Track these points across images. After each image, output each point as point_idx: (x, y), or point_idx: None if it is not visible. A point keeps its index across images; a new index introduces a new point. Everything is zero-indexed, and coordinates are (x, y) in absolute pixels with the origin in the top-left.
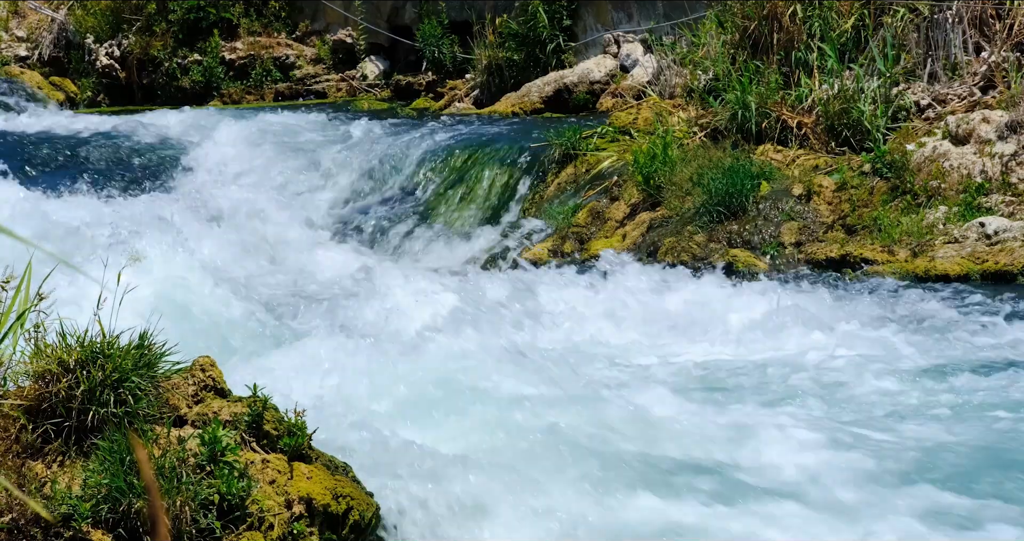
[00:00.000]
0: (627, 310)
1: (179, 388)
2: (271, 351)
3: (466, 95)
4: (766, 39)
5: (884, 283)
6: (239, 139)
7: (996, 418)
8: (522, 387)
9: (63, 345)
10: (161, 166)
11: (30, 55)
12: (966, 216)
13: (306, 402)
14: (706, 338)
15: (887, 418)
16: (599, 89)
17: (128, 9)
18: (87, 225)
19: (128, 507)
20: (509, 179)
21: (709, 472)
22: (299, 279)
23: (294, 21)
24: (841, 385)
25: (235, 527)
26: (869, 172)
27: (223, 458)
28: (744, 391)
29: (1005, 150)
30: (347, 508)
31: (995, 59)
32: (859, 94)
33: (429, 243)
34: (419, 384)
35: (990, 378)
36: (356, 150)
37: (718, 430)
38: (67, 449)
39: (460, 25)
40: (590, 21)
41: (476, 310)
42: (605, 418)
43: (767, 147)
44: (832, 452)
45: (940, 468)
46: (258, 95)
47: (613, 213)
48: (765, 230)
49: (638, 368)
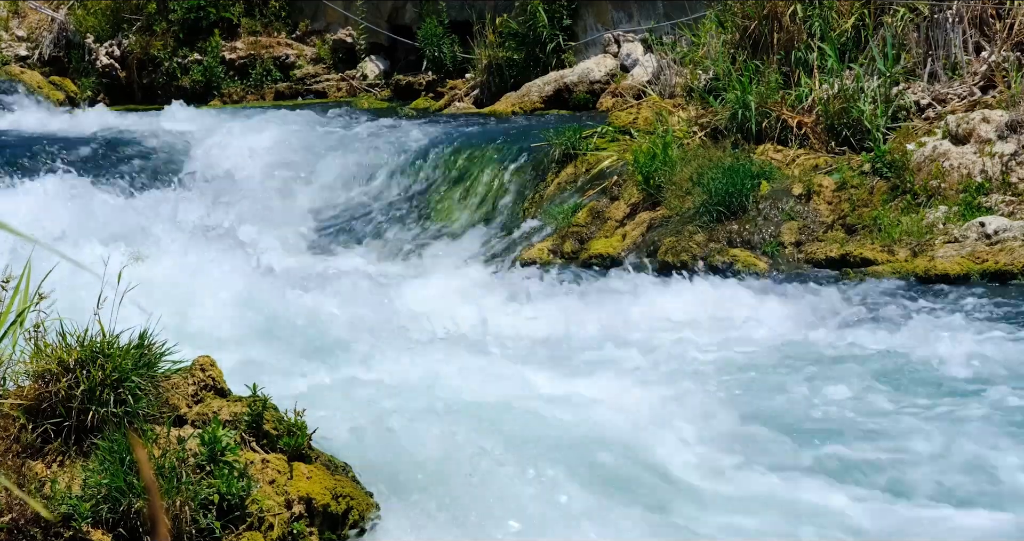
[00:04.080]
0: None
1: (179, 388)
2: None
3: (466, 95)
4: (766, 39)
5: (884, 283)
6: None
7: (996, 417)
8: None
9: (63, 345)
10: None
11: (30, 55)
12: (966, 216)
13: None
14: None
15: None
16: (599, 89)
17: (128, 9)
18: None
19: (128, 507)
20: (509, 179)
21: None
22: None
23: (294, 21)
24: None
25: (235, 527)
26: (869, 172)
27: (223, 458)
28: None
29: (1005, 150)
30: (347, 508)
31: (995, 59)
32: (859, 94)
33: (429, 243)
34: None
35: (991, 377)
36: (354, 150)
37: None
38: (67, 449)
39: (460, 25)
40: (590, 21)
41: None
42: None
43: (767, 147)
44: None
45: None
46: (258, 95)
47: (613, 213)
48: (765, 230)
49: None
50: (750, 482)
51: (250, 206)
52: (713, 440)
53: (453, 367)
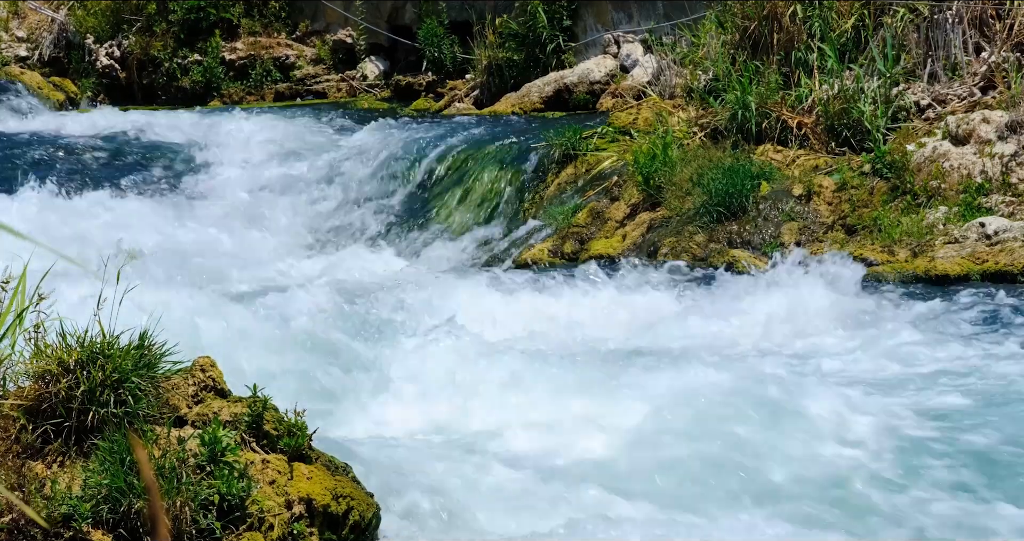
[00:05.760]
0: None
1: (179, 388)
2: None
3: (466, 95)
4: (766, 39)
5: (884, 283)
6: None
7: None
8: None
9: (63, 345)
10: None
11: (30, 55)
12: (966, 216)
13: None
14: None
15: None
16: (599, 89)
17: (128, 9)
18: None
19: (128, 507)
20: (509, 179)
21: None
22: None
23: (294, 21)
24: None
25: (235, 527)
26: (869, 172)
27: (223, 458)
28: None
29: (1005, 150)
30: (347, 508)
31: (995, 59)
32: (859, 94)
33: (429, 243)
34: None
35: (991, 377)
36: (352, 150)
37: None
38: (67, 449)
39: (460, 25)
40: (590, 21)
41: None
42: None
43: (767, 147)
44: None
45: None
46: (258, 95)
47: (613, 213)
48: (765, 230)
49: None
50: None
51: (248, 210)
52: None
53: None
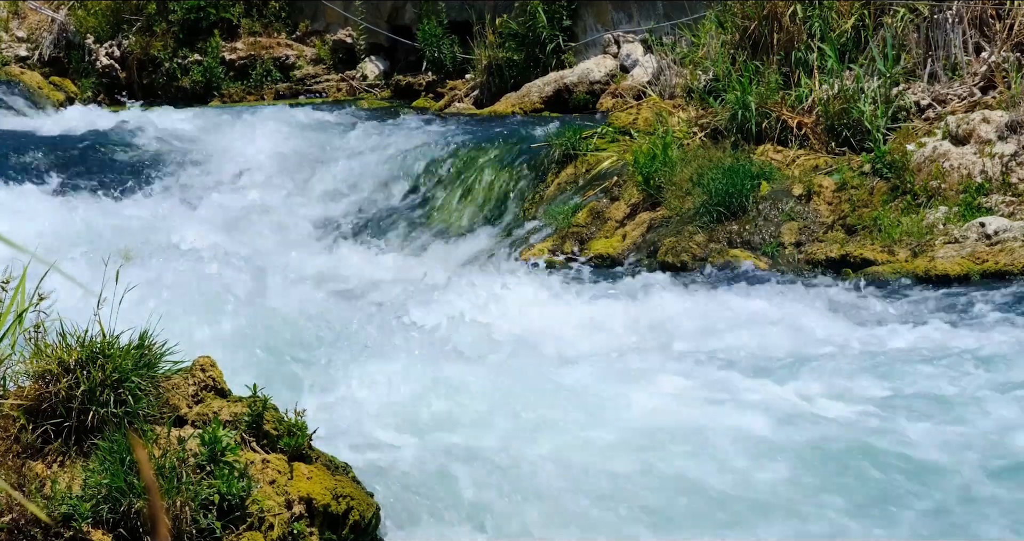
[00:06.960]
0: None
1: (179, 388)
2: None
3: (466, 95)
4: (766, 39)
5: (884, 283)
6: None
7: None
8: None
9: (63, 345)
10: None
11: (30, 55)
12: (966, 216)
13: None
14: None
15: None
16: (599, 89)
17: (128, 9)
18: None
19: (128, 507)
20: (509, 179)
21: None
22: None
23: (294, 21)
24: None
25: (235, 527)
26: (869, 172)
27: (223, 458)
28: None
29: (1005, 150)
30: (347, 508)
31: (995, 59)
32: (859, 94)
33: (429, 243)
34: None
35: (990, 378)
36: (351, 150)
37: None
38: (67, 449)
39: (460, 25)
40: (590, 21)
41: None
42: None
43: (767, 147)
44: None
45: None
46: (258, 95)
47: (613, 213)
48: (765, 230)
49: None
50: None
51: (248, 210)
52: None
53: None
